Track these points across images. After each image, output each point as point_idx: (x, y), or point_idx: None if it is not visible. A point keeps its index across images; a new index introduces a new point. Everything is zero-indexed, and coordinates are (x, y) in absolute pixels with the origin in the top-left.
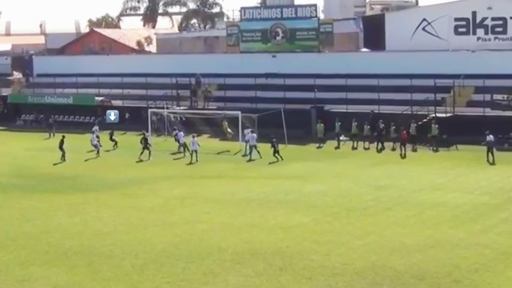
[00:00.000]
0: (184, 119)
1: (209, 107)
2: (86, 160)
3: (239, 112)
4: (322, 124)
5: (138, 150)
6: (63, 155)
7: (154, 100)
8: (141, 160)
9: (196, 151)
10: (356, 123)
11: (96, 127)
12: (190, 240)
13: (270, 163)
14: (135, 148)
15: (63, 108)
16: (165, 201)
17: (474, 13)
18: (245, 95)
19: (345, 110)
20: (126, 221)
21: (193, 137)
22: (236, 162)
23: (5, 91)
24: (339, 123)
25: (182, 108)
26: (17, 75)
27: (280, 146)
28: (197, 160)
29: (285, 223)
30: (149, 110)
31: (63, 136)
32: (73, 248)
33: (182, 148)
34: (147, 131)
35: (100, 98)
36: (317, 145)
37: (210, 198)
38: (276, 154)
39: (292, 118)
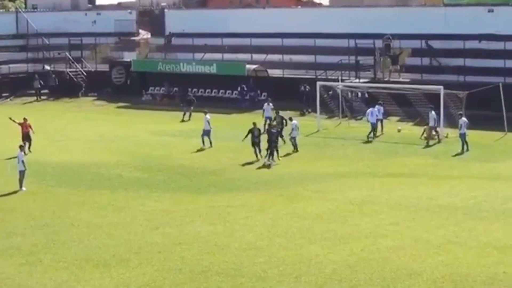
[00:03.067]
0: (366, 95)
1: (400, 80)
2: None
3: (440, 88)
4: None
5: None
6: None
7: (324, 70)
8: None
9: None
10: None
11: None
12: (371, 260)
13: (482, 159)
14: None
15: (204, 79)
16: (337, 207)
17: None
18: (450, 63)
19: None
20: (285, 232)
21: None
22: (436, 155)
23: (129, 56)
24: None
25: (363, 80)
26: (144, 34)
27: (497, 135)
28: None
29: (502, 241)
30: (318, 83)
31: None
32: (215, 266)
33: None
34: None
35: (253, 67)
36: None
37: (398, 204)
38: None
39: None
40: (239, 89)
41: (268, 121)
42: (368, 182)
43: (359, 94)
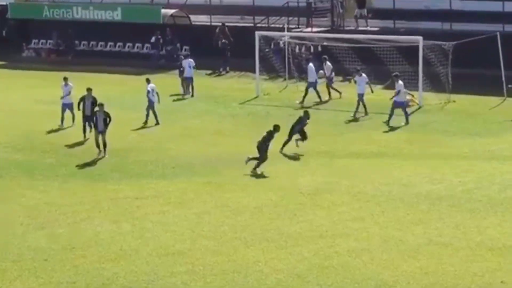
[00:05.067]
0: (320, 49)
1: (366, 29)
2: (144, 124)
3: (419, 38)
4: None
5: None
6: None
7: (266, 16)
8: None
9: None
10: None
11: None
12: (327, 268)
13: (473, 133)
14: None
15: (106, 29)
16: (282, 198)
17: None
18: (432, 6)
19: None
20: (214, 232)
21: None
22: (412, 129)
23: None
24: None
25: (317, 30)
26: None
27: (493, 101)
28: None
29: (499, 240)
30: (257, 34)
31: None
32: (120, 277)
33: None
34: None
35: (171, 12)
36: None
37: (363, 193)
38: None
39: None
40: (152, 41)
41: (190, 84)
42: (324, 165)
43: (312, 48)
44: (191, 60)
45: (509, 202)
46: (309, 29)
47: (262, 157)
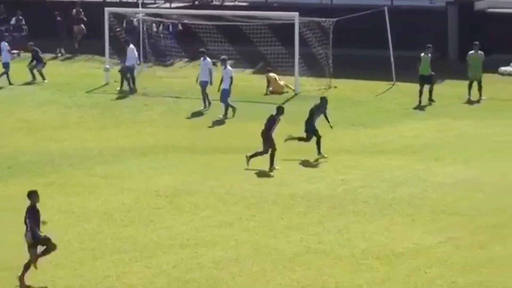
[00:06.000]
0: (180, 28)
1: (235, 4)
2: None
3: (295, 15)
4: (478, 44)
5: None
6: None
7: None
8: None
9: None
10: None
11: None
12: (189, 282)
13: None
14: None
15: None
16: (137, 201)
17: None
18: None
19: None
20: (56, 242)
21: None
22: (288, 120)
23: None
24: None
25: (177, 5)
26: None
27: (380, 86)
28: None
29: (387, 247)
30: (106, 10)
31: None
32: None
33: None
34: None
35: None
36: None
37: (230, 194)
38: None
39: (406, 27)
40: None
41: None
42: (185, 162)
43: (170, 27)
44: (6, 43)
45: (399, 203)
46: (167, 5)
47: (268, 148)
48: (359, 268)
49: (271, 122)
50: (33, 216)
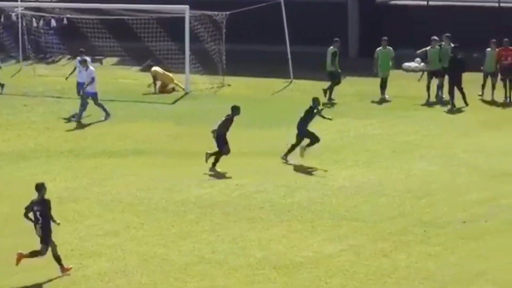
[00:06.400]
0: (65, 22)
1: None
2: None
3: (185, 8)
4: (386, 39)
5: None
6: None
7: None
8: None
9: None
10: None
11: None
12: None
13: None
14: None
15: None
16: (13, 210)
17: None
18: None
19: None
20: None
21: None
22: (179, 118)
23: None
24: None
25: None
26: None
27: (276, 84)
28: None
29: (285, 255)
30: None
31: None
32: None
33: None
34: None
35: None
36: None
37: (120, 201)
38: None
39: (304, 21)
40: None
41: None
42: (68, 167)
43: (53, 22)
44: None
45: (297, 208)
46: None
47: (221, 149)
48: (255, 279)
49: (227, 123)
50: (47, 208)
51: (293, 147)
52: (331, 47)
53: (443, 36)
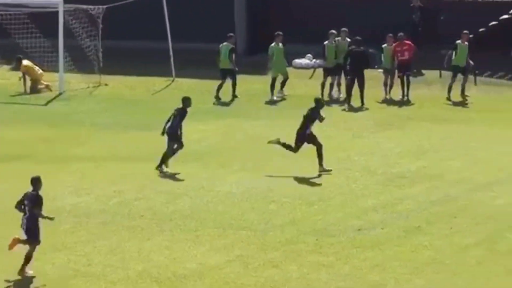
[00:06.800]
0: None
1: None
2: None
3: (59, 2)
4: (281, 34)
5: None
6: None
7: None
8: None
9: None
10: None
11: None
12: None
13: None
14: None
15: None
16: None
17: None
18: None
19: None
20: None
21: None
22: (53, 123)
23: None
24: None
25: None
26: None
27: (158, 82)
28: None
29: (169, 268)
30: None
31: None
32: None
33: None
34: None
35: None
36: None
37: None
38: None
39: (187, 16)
40: None
41: None
42: None
43: None
44: None
45: (180, 217)
46: None
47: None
48: None
49: (182, 117)
50: (37, 205)
51: (290, 148)
52: (225, 43)
53: (341, 31)
